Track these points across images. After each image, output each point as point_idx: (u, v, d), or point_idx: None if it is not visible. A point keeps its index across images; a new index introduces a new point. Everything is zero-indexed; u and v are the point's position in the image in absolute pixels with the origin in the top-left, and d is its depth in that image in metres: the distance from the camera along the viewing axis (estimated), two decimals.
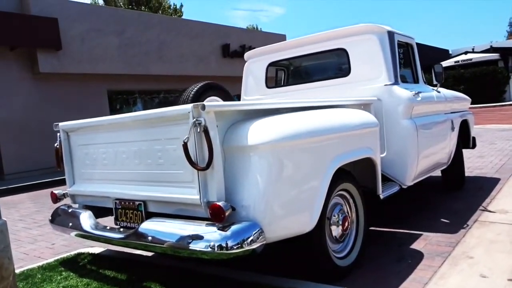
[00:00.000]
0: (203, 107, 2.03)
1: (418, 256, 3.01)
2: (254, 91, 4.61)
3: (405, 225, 3.78)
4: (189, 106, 2.06)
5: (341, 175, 2.68)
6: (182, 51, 15.00)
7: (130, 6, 26.72)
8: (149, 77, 14.11)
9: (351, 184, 2.88)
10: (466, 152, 5.26)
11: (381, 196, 3.17)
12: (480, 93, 18.72)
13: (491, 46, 24.39)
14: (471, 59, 22.81)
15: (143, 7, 27.13)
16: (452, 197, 4.63)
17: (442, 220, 3.84)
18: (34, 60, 11.40)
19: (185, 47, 15.11)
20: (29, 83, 11.54)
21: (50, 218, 3.06)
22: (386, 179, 3.50)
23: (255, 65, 4.61)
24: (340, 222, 2.79)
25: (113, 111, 13.16)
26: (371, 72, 3.69)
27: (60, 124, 2.95)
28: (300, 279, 2.59)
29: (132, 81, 13.78)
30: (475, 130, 5.62)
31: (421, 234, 3.49)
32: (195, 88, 3.55)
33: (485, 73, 21.01)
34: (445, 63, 21.94)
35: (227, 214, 2.00)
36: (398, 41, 3.78)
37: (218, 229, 1.98)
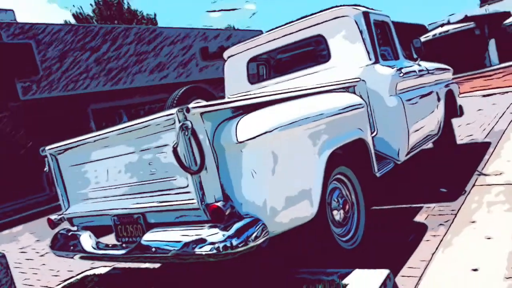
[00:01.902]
0: (188, 109, 2.01)
1: (422, 228, 3.04)
2: (237, 88, 4.59)
3: (404, 200, 3.80)
4: (173, 111, 2.04)
5: (335, 159, 2.68)
6: (161, 60, 14.92)
7: (103, 22, 26.49)
8: (131, 90, 14.01)
9: (346, 167, 2.88)
10: (455, 121, 5.31)
11: (378, 175, 3.19)
12: (460, 62, 18.91)
13: (465, 15, 24.60)
14: (447, 31, 23.01)
15: (116, 21, 26.91)
16: (446, 167, 4.67)
17: (441, 189, 3.87)
18: (13, 88, 11.23)
19: (163, 55, 15.03)
20: (11, 112, 11.37)
21: (50, 244, 3.01)
22: (380, 158, 3.52)
23: (235, 62, 4.59)
24: (341, 206, 2.80)
25: (100, 129, 13.03)
26: (351, 54, 3.69)
27: (47, 148, 2.90)
28: (309, 267, 2.59)
29: (115, 96, 13.67)
30: (461, 98, 5.67)
31: (422, 206, 3.52)
32: (178, 94, 3.52)
33: (463, 42, 21.22)
34: (423, 38, 22.08)
35: (227, 213, 1.99)
36: (374, 20, 3.79)
37: (221, 230, 1.97)
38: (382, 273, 2.10)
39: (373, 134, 3.49)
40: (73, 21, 26.87)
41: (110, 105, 13.79)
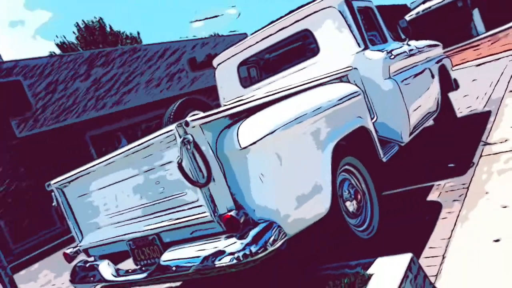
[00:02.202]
0: (187, 123, 2.00)
1: (436, 207, 3.02)
2: (230, 94, 4.58)
3: (414, 181, 3.78)
4: (172, 127, 2.03)
5: (340, 150, 2.67)
6: (151, 77, 14.93)
7: (88, 47, 26.51)
8: (126, 112, 14.00)
9: (352, 156, 2.87)
10: (451, 95, 5.29)
11: (384, 160, 3.17)
12: (447, 36, 18.88)
13: None
14: (430, 7, 22.97)
15: (100, 45, 26.93)
16: (450, 142, 4.65)
17: (449, 165, 3.85)
18: (9, 127, 11.23)
19: (153, 72, 15.04)
20: (10, 151, 11.36)
21: (70, 278, 2.99)
22: (384, 142, 3.50)
23: (226, 68, 4.59)
24: (353, 196, 2.78)
25: (100, 156, 13.00)
26: (339, 44, 3.68)
27: (52, 182, 2.89)
28: (330, 263, 2.56)
29: (110, 120, 13.66)
30: (454, 71, 5.66)
31: (433, 185, 3.50)
32: (174, 108, 3.51)
33: (446, 16, 21.20)
34: (407, 17, 22.05)
35: (241, 221, 1.97)
36: (358, 6, 3.78)
37: (238, 239, 1.95)
38: (405, 257, 2.08)
39: (373, 120, 3.47)
40: (58, 51, 26.93)
41: (107, 129, 13.78)
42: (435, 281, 2.13)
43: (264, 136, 2.13)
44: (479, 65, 10.56)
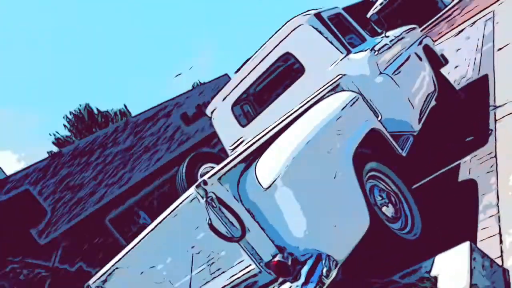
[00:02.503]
0: (205, 182, 1.96)
1: (472, 185, 2.92)
2: (232, 137, 4.57)
3: (438, 166, 3.68)
4: (192, 190, 1.99)
5: (360, 159, 2.61)
6: (150, 143, 15.07)
7: (82, 135, 26.98)
8: (136, 186, 14.01)
9: (373, 161, 2.81)
10: (443, 70, 5.26)
11: (404, 154, 3.10)
12: (417, 17, 19.13)
13: None
14: None
15: (94, 129, 27.43)
16: (460, 116, 4.58)
17: (466, 139, 3.77)
18: (31, 238, 11.20)
19: (150, 138, 15.19)
20: (37, 260, 11.27)
21: None
22: (397, 137, 3.44)
23: (220, 113, 4.60)
24: (387, 201, 2.69)
25: (125, 237, 12.88)
26: (322, 57, 3.71)
27: (90, 282, 2.83)
28: (388, 275, 2.44)
29: (123, 199, 13.66)
30: (437, 47, 5.66)
31: (459, 164, 3.41)
32: (184, 169, 3.51)
33: None
34: (374, 11, 22.44)
35: (289, 263, 1.90)
36: (328, 16, 3.84)
37: (292, 282, 1.87)
38: (464, 247, 1.97)
39: (379, 119, 3.43)
40: (55, 148, 27.37)
41: (123, 209, 13.73)
42: (502, 262, 2.01)
43: (284, 170, 2.09)
44: (457, 34, 10.62)
